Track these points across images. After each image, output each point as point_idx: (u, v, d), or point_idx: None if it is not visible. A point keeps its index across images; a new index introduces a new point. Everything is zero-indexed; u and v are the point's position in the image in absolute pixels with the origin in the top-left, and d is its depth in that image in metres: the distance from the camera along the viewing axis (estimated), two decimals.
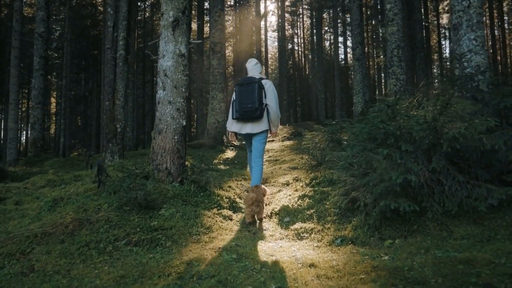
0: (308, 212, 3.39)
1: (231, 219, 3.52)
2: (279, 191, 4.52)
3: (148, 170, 4.20)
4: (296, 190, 4.13)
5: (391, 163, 2.78)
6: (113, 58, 7.51)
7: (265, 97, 3.74)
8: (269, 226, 3.40)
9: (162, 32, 4.31)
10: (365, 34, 24.52)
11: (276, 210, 3.69)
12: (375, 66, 29.84)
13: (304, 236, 3.00)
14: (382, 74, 28.11)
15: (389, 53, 7.95)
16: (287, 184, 4.76)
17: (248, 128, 3.78)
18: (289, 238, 3.02)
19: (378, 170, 2.75)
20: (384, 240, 2.60)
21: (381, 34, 25.59)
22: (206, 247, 2.66)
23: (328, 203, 3.41)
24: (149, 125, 26.61)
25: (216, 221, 3.33)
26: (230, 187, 4.47)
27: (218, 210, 3.60)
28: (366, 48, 24.86)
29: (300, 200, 3.68)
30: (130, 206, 3.32)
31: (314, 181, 4.22)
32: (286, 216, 3.49)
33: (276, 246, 2.77)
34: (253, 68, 4.00)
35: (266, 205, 3.85)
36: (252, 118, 3.71)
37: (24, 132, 29.95)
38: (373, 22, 24.06)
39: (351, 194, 2.89)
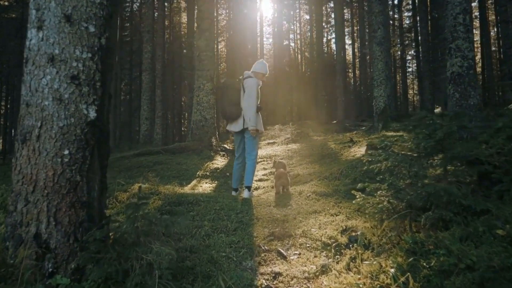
0: None
1: None
2: (323, 272, 1.97)
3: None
4: None
5: None
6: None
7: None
8: None
9: None
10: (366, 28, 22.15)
11: None
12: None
13: None
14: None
15: (451, 21, 5.49)
16: (339, 248, 2.22)
17: (233, 126, 4.07)
18: None
19: None
20: None
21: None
22: None
23: None
24: (136, 125, 23.63)
25: None
26: (209, 275, 1.89)
27: None
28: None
29: None
30: None
31: (421, 260, 1.69)
32: None
33: None
34: (254, 65, 4.13)
35: None
36: (232, 119, 4.02)
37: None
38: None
39: None
